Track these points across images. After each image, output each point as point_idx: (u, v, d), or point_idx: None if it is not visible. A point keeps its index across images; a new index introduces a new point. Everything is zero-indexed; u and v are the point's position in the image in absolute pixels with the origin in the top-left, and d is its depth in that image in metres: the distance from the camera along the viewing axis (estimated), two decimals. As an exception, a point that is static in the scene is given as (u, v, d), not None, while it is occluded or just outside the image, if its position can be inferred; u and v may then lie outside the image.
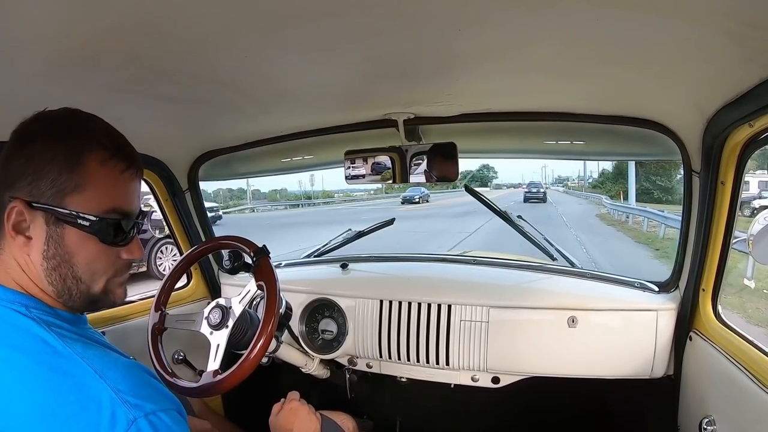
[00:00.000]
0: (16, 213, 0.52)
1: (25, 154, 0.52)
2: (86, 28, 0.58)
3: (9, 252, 0.54)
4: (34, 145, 0.52)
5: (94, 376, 0.49)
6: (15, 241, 0.53)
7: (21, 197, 0.52)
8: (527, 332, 1.19)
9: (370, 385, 1.43)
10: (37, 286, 0.55)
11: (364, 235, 1.62)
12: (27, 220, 0.52)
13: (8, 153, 0.53)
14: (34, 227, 0.53)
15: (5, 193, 0.52)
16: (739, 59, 0.65)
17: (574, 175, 51.71)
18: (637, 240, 9.35)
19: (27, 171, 0.52)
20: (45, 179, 0.52)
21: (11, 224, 0.52)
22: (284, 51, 0.71)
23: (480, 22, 0.63)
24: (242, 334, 0.97)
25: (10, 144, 0.54)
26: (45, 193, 0.52)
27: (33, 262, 0.54)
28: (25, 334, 0.51)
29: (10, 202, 0.52)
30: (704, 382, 1.00)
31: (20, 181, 0.52)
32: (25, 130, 0.54)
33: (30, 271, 0.54)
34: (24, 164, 0.52)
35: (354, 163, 1.29)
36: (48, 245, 0.53)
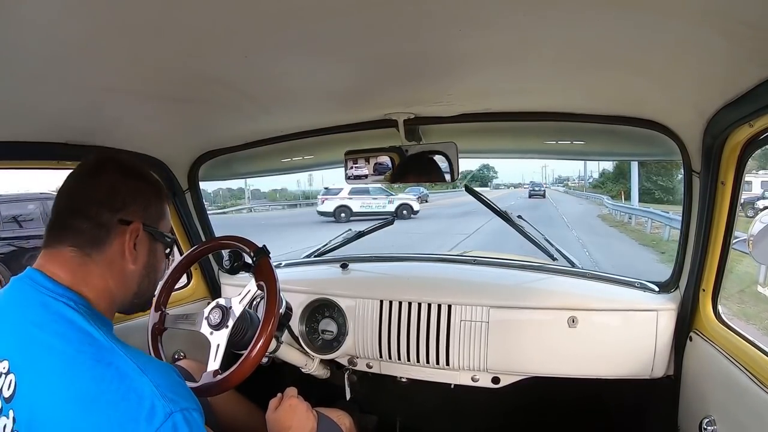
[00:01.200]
0: (135, 232, 0.65)
1: (134, 186, 0.67)
2: (86, 28, 0.58)
3: (104, 263, 0.63)
4: (140, 180, 0.68)
5: (136, 370, 0.53)
6: (127, 255, 0.64)
7: (138, 220, 0.66)
8: (527, 332, 1.19)
9: (370, 385, 1.43)
10: (107, 291, 0.63)
11: (364, 235, 1.62)
12: (139, 238, 0.66)
13: (113, 181, 0.65)
14: (141, 244, 0.67)
15: (115, 215, 0.64)
16: (739, 59, 0.65)
17: (575, 175, 51.66)
18: (641, 242, 9.20)
19: (139, 199, 0.67)
20: (151, 208, 0.68)
21: (132, 241, 0.65)
22: (284, 51, 0.72)
23: (480, 23, 0.64)
24: (242, 334, 0.97)
25: (117, 173, 0.66)
26: (152, 218, 0.69)
27: (133, 272, 0.66)
28: (70, 325, 0.56)
29: (131, 224, 0.65)
30: (704, 382, 1.00)
31: (131, 206, 0.65)
32: (128, 165, 0.69)
33: (117, 279, 0.64)
34: (135, 194, 0.66)
35: (355, 163, 1.29)
36: (149, 257, 0.69)
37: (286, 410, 0.95)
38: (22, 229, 5.34)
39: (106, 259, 0.63)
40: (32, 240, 5.25)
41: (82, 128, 1.02)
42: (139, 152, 1.26)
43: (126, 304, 0.68)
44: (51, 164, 1.08)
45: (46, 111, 0.88)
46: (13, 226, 5.31)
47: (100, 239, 0.62)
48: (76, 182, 0.66)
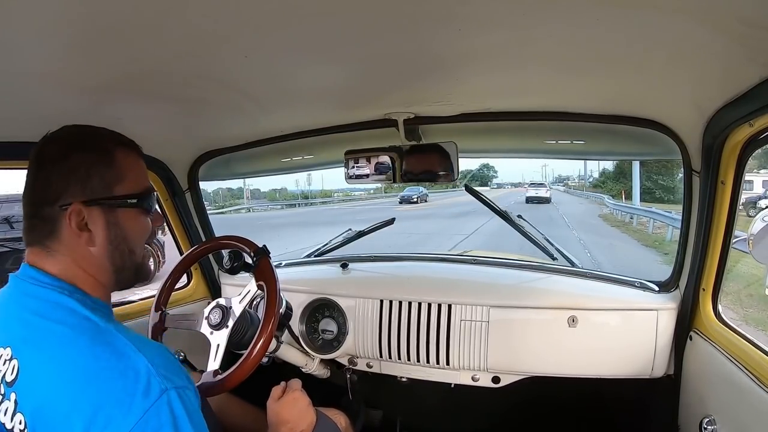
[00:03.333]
0: (75, 214, 0.61)
1: (66, 167, 0.62)
2: (86, 28, 0.58)
3: (66, 251, 0.62)
4: (70, 159, 0.62)
5: (132, 348, 0.55)
6: (80, 239, 0.61)
7: (76, 200, 0.61)
8: (527, 332, 1.19)
9: (371, 384, 1.43)
10: (87, 276, 0.63)
11: (364, 235, 1.62)
12: (85, 217, 0.62)
13: (46, 173, 0.62)
14: (92, 221, 0.62)
15: (54, 205, 0.61)
16: (739, 59, 0.65)
17: (575, 174, 51.64)
18: (643, 243, 9.12)
19: (72, 179, 0.61)
20: (92, 180, 0.62)
21: (75, 224, 0.61)
22: (284, 51, 0.72)
23: (480, 22, 0.63)
24: (242, 334, 0.98)
25: (46, 165, 0.62)
26: (96, 190, 0.62)
27: (96, 251, 0.63)
28: (68, 311, 0.58)
29: (67, 208, 0.61)
30: (704, 381, 1.00)
31: (69, 189, 0.61)
32: (55, 150, 0.63)
33: (87, 262, 0.63)
34: (68, 175, 0.61)
35: (356, 163, 1.29)
36: (109, 230, 0.64)
37: (288, 403, 0.94)
38: (14, 230, 5.32)
39: (67, 249, 0.62)
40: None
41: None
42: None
43: (114, 282, 0.67)
44: (51, 164, 1.08)
45: (46, 111, 0.88)
46: (5, 227, 5.29)
47: (51, 233, 0.62)
48: (26, 180, 0.65)
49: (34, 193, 0.63)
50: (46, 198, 0.61)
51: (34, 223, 0.62)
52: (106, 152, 0.64)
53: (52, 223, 0.61)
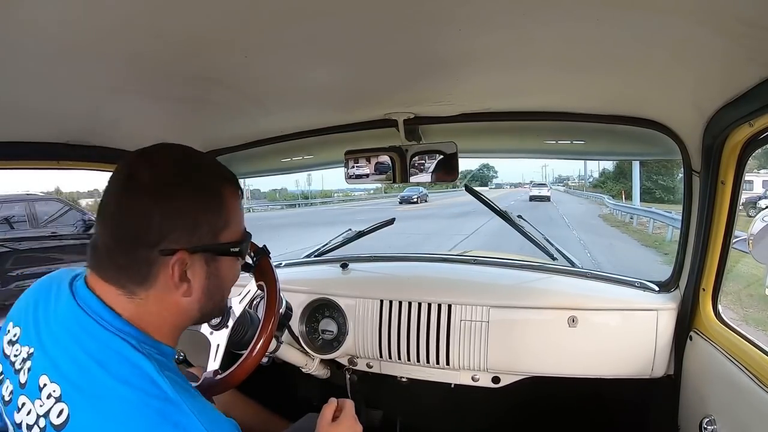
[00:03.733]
0: (180, 263, 0.54)
1: (173, 208, 0.54)
2: (86, 28, 0.58)
3: (155, 300, 0.55)
4: (177, 198, 0.54)
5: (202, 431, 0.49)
6: (178, 290, 0.55)
7: (182, 247, 0.54)
8: (527, 332, 1.19)
9: (371, 385, 1.43)
10: (165, 323, 0.57)
11: (364, 235, 1.62)
12: (188, 266, 0.55)
13: (144, 207, 0.53)
14: (193, 270, 0.56)
15: (154, 249, 0.53)
16: (739, 59, 0.65)
17: (575, 174, 51.71)
18: (643, 243, 9.10)
19: (180, 224, 0.54)
20: (202, 227, 0.55)
21: (177, 275, 0.54)
22: (284, 51, 0.72)
23: (480, 22, 0.63)
24: (242, 334, 0.98)
25: (144, 197, 0.53)
26: (203, 237, 0.55)
27: (188, 301, 0.57)
28: (136, 370, 0.50)
29: (173, 255, 0.53)
30: (704, 381, 1.00)
31: (174, 234, 0.53)
32: (157, 181, 0.54)
33: (173, 311, 0.56)
34: (174, 218, 0.54)
35: (356, 163, 1.29)
36: (208, 280, 0.57)
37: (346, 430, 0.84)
38: (14, 230, 5.30)
39: (156, 296, 0.55)
40: (24, 242, 5.21)
41: (82, 128, 1.02)
42: (139, 152, 1.26)
43: (190, 325, 0.61)
44: (51, 164, 1.08)
45: (47, 111, 0.88)
46: (5, 227, 5.28)
47: (141, 276, 0.54)
48: (107, 201, 0.55)
49: (126, 226, 0.53)
50: (144, 238, 0.53)
51: (121, 262, 0.54)
52: (216, 194, 0.57)
53: (147, 268, 0.53)
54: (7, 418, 0.54)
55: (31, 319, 0.57)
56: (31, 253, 5.20)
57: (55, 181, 31.94)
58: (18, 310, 0.60)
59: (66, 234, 5.52)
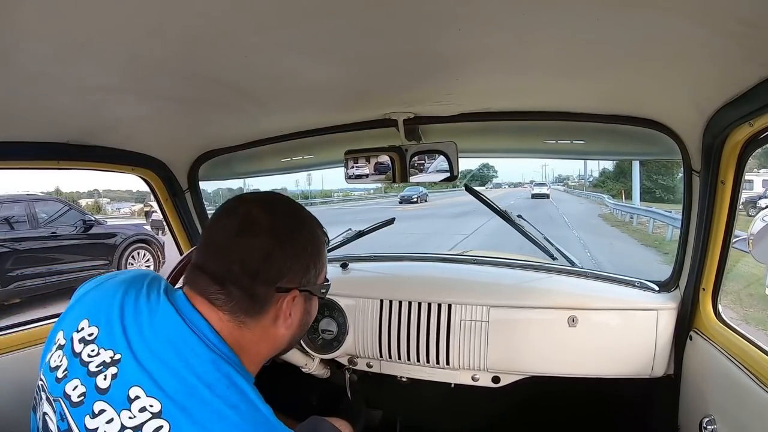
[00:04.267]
0: (291, 301, 0.61)
1: (293, 252, 0.60)
2: (86, 28, 0.58)
3: (259, 329, 0.59)
4: (296, 244, 0.61)
5: None
6: (283, 322, 0.61)
7: (294, 287, 0.60)
8: (527, 332, 1.19)
9: (370, 384, 1.43)
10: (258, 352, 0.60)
11: (364, 235, 1.62)
12: (295, 302, 0.61)
13: (268, 249, 0.58)
14: (296, 307, 0.62)
15: (272, 287, 0.59)
16: (739, 59, 0.65)
17: (575, 173, 51.82)
18: (643, 242, 9.11)
19: (296, 267, 0.61)
20: (310, 271, 0.63)
21: (288, 310, 0.60)
22: (284, 51, 0.72)
23: (480, 22, 0.63)
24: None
25: (268, 238, 0.59)
26: (310, 280, 0.63)
27: (284, 333, 0.62)
28: (243, 396, 0.52)
29: (288, 293, 0.60)
30: (704, 381, 1.00)
31: (290, 275, 0.60)
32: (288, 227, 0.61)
33: (270, 341, 0.61)
34: (293, 261, 0.60)
35: (355, 163, 1.29)
36: (303, 316, 0.65)
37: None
38: (13, 230, 5.30)
39: (260, 327, 0.59)
40: (24, 242, 5.21)
41: (82, 128, 1.02)
42: (139, 152, 1.26)
43: (270, 358, 0.65)
44: (51, 164, 1.08)
45: (47, 111, 0.88)
46: (5, 227, 5.28)
47: (254, 309, 0.58)
48: (224, 235, 0.59)
49: (249, 259, 0.57)
50: (265, 275, 0.58)
51: (233, 290, 0.57)
52: (319, 245, 0.65)
53: (262, 303, 0.59)
54: (72, 420, 0.51)
55: (116, 320, 0.55)
56: (31, 253, 5.20)
57: (55, 181, 31.88)
58: (93, 308, 0.58)
59: (66, 234, 5.53)
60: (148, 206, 10.33)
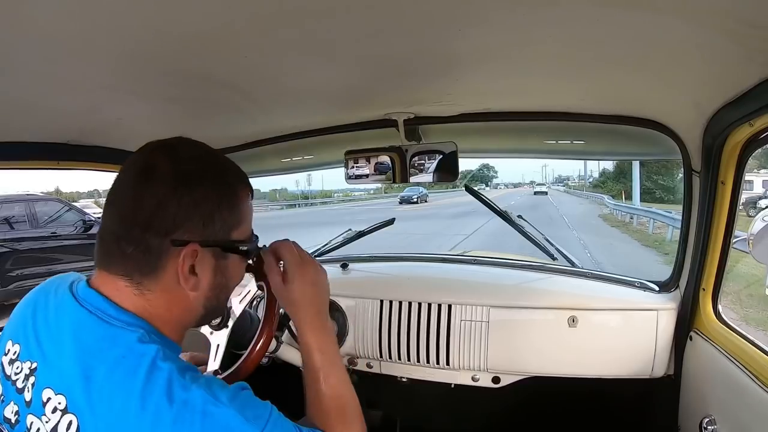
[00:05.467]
0: (190, 256, 0.53)
1: (190, 199, 0.53)
2: (86, 28, 0.58)
3: (162, 293, 0.54)
4: (195, 191, 0.54)
5: (214, 403, 0.48)
6: (187, 283, 0.54)
7: (194, 240, 0.53)
8: (527, 332, 1.19)
9: (371, 385, 1.43)
10: (171, 318, 0.55)
11: (364, 235, 1.62)
12: (198, 259, 0.54)
13: (160, 196, 0.52)
14: (201, 265, 0.55)
15: (166, 238, 0.52)
16: (739, 59, 0.65)
17: (575, 174, 51.97)
18: (643, 243, 9.09)
19: (195, 215, 0.54)
20: (216, 222, 0.55)
21: (187, 267, 0.53)
22: (284, 51, 0.71)
23: (480, 22, 0.63)
24: (242, 334, 0.98)
25: (161, 186, 0.53)
26: (217, 232, 0.55)
27: (195, 296, 0.56)
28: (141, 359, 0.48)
29: (184, 246, 0.53)
30: (704, 381, 1.00)
31: (188, 225, 0.53)
32: (176, 172, 0.54)
33: (180, 306, 0.56)
34: (190, 209, 0.53)
35: (355, 163, 1.29)
36: (215, 277, 0.57)
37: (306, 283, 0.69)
38: (13, 230, 5.29)
39: (163, 289, 0.54)
40: (24, 242, 5.18)
41: (82, 128, 1.02)
42: (139, 152, 1.26)
43: (194, 324, 0.60)
44: (51, 164, 1.08)
45: (47, 111, 0.88)
46: (5, 227, 5.27)
47: (150, 266, 0.53)
48: (121, 189, 0.54)
49: (141, 209, 0.52)
50: (157, 226, 0.52)
51: (129, 250, 0.52)
52: (234, 192, 0.58)
53: (157, 257, 0.52)
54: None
55: (30, 332, 0.53)
56: (31, 253, 5.19)
57: (55, 181, 31.87)
58: (14, 326, 0.56)
59: (66, 234, 5.52)
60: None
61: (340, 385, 0.65)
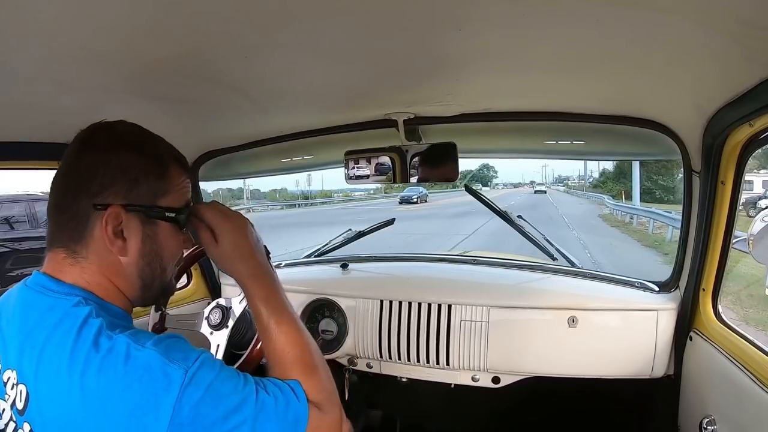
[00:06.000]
0: (113, 218, 0.55)
1: (118, 163, 0.56)
2: (86, 28, 0.58)
3: (94, 258, 0.56)
4: (123, 157, 0.56)
5: (136, 347, 0.50)
6: (113, 246, 0.55)
7: (117, 203, 0.55)
8: (527, 332, 1.19)
9: (371, 385, 1.43)
10: (110, 285, 0.57)
11: (364, 235, 1.62)
12: (122, 223, 0.56)
13: (92, 160, 0.55)
14: (129, 229, 0.56)
15: (92, 200, 0.54)
16: (739, 59, 0.65)
17: (575, 174, 52.16)
18: (643, 243, 9.06)
19: (120, 178, 0.56)
20: (141, 187, 0.57)
21: (111, 230, 0.55)
22: (284, 51, 0.72)
23: (480, 22, 0.64)
24: (242, 334, 0.98)
25: (94, 152, 0.56)
26: (141, 197, 0.57)
27: (127, 262, 0.57)
28: (77, 320, 0.51)
29: (106, 209, 0.55)
30: (704, 381, 1.00)
31: (113, 188, 0.55)
32: (110, 141, 0.57)
33: (114, 272, 0.57)
34: (116, 172, 0.55)
35: (356, 164, 1.29)
36: (144, 243, 0.58)
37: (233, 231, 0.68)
38: (14, 230, 5.28)
39: (95, 253, 0.55)
40: (24, 242, 5.18)
41: (82, 128, 1.02)
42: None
43: (139, 299, 0.61)
44: (51, 164, 1.08)
45: (46, 111, 0.88)
46: (5, 227, 5.26)
47: (79, 232, 0.55)
48: (62, 165, 0.57)
49: (74, 177, 0.55)
50: (87, 189, 0.55)
51: (64, 218, 0.55)
52: (162, 163, 0.59)
53: (85, 222, 0.55)
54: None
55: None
56: (31, 253, 5.18)
57: (54, 182, 31.72)
58: None
59: (66, 234, 5.50)
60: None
61: (293, 332, 0.64)
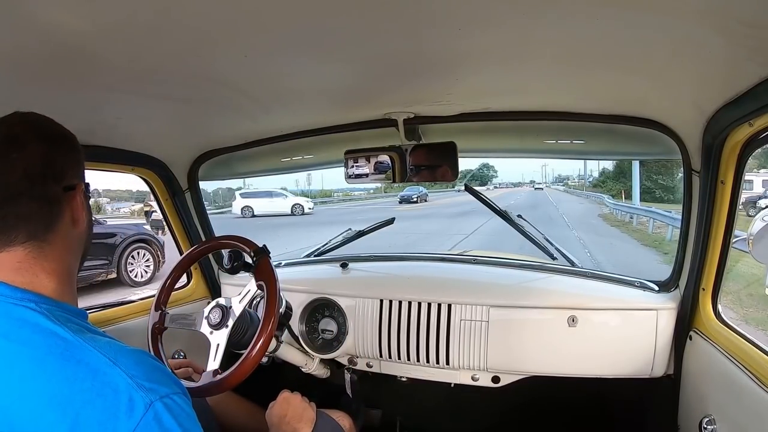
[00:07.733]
0: (81, 195, 0.59)
1: (68, 146, 0.60)
2: (86, 28, 0.58)
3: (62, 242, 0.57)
4: (65, 143, 0.60)
5: (108, 363, 0.49)
6: (75, 225, 0.59)
7: (79, 181, 0.60)
8: (527, 331, 1.19)
9: (371, 384, 1.43)
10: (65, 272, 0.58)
11: (363, 235, 1.62)
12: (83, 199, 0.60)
13: (42, 150, 0.56)
14: (84, 204, 0.61)
15: (59, 185, 0.57)
16: (738, 58, 0.65)
17: (575, 174, 52.35)
18: (643, 242, 9.04)
19: (72, 161, 0.60)
20: (81, 164, 0.62)
21: (81, 207, 0.59)
22: (284, 51, 0.71)
23: (480, 22, 0.63)
24: (242, 333, 0.98)
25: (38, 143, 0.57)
26: (83, 174, 0.62)
27: (80, 233, 0.61)
28: (35, 328, 0.51)
29: (75, 188, 0.58)
30: (704, 381, 1.00)
31: (70, 170, 0.59)
32: (49, 129, 0.60)
33: (73, 249, 0.60)
34: (69, 155, 0.59)
35: (355, 163, 1.29)
36: (87, 214, 0.62)
37: (281, 403, 0.97)
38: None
39: (61, 235, 0.57)
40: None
41: (82, 128, 1.02)
42: (139, 152, 1.26)
43: (77, 268, 0.62)
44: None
45: (46, 111, 0.88)
46: None
47: (53, 217, 0.56)
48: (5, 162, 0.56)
49: (31, 166, 0.54)
50: (53, 175, 0.56)
51: (31, 207, 0.54)
52: (77, 141, 0.63)
53: (58, 206, 0.56)
54: None
55: None
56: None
57: (54, 181, 31.69)
58: None
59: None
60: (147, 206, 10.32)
61: None
